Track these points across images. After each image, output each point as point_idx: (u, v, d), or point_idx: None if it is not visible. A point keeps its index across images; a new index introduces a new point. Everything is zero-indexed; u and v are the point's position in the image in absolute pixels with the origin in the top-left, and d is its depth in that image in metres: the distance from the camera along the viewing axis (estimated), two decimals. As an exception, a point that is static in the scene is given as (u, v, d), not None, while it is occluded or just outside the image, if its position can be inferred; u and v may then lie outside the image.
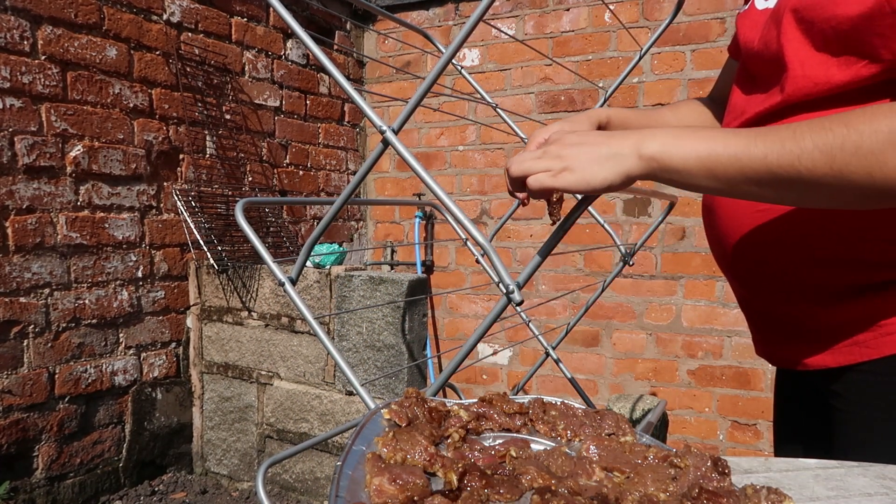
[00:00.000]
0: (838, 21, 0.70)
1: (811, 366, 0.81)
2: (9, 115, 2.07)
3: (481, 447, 0.55)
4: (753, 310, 0.91)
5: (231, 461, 2.70)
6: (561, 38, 3.16)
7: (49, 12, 2.17)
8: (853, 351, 0.76)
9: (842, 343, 0.77)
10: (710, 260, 2.89)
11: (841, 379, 0.78)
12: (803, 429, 0.91)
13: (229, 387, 2.68)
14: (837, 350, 0.78)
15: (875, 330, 0.74)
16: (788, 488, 0.53)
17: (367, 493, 0.44)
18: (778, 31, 0.77)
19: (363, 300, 2.36)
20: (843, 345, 0.77)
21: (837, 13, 0.70)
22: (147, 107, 2.51)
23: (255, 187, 3.01)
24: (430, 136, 3.50)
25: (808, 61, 0.73)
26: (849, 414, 0.78)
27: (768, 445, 2.84)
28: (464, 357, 0.69)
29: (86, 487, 2.34)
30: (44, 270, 2.19)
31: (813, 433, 0.87)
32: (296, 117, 3.25)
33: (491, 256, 0.68)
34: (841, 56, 0.71)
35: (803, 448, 0.90)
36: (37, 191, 2.16)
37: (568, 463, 0.54)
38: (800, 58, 0.74)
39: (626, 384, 3.09)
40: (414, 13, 3.48)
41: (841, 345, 0.78)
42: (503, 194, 3.34)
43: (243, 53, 2.93)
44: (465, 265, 3.44)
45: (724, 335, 2.89)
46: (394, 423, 0.55)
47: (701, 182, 0.66)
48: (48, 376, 2.21)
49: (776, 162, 0.62)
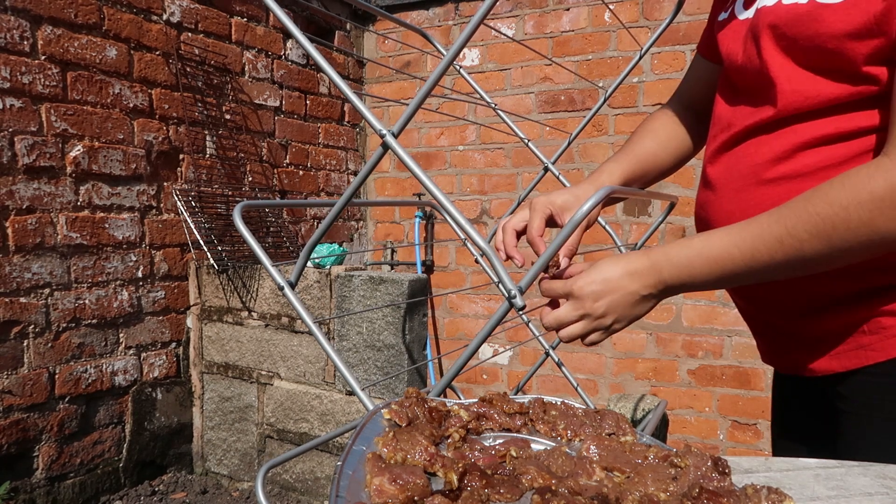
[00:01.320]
0: (822, 39, 0.70)
1: (818, 371, 0.81)
2: (9, 115, 2.07)
3: (481, 447, 0.55)
4: (757, 322, 0.91)
5: (231, 461, 2.70)
6: (561, 38, 3.16)
7: (49, 12, 2.17)
8: (859, 355, 0.76)
9: (847, 347, 0.77)
10: (710, 260, 2.89)
11: (846, 382, 0.78)
12: (807, 431, 0.91)
13: (229, 387, 2.68)
14: (843, 355, 0.78)
15: (879, 333, 0.74)
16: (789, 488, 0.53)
17: (368, 493, 0.44)
18: (757, 46, 0.78)
19: (363, 300, 2.36)
20: (849, 349, 0.77)
21: (821, 31, 0.70)
22: (147, 107, 2.51)
23: (255, 187, 3.01)
24: (430, 135, 3.50)
25: (794, 77, 0.74)
26: (854, 416, 0.78)
27: (768, 445, 2.84)
28: (466, 361, 0.69)
29: (86, 487, 2.34)
30: (44, 270, 2.19)
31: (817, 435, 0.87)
32: (296, 117, 3.25)
33: (491, 259, 0.68)
34: (826, 72, 0.72)
35: (807, 450, 0.90)
36: (37, 191, 2.16)
37: (568, 463, 0.54)
38: (786, 73, 0.75)
39: (627, 384, 3.09)
40: (414, 13, 3.48)
41: (846, 349, 0.77)
42: (503, 194, 3.34)
43: (243, 53, 2.93)
44: (465, 265, 3.44)
45: (724, 335, 2.89)
46: (394, 423, 0.55)
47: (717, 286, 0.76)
48: (48, 376, 2.21)
49: (783, 258, 0.68)
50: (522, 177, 3.29)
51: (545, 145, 3.09)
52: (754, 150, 0.79)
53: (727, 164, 0.83)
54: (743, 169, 0.81)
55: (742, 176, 0.81)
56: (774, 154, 0.77)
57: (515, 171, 3.31)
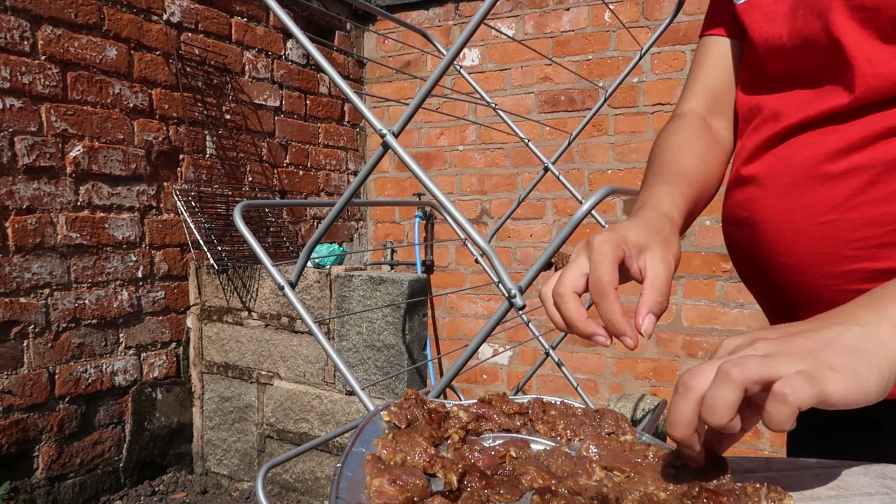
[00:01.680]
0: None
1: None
2: (9, 115, 2.07)
3: (481, 448, 0.55)
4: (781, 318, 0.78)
5: (231, 461, 2.70)
6: (561, 38, 3.16)
7: (49, 12, 2.17)
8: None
9: None
10: (710, 259, 2.89)
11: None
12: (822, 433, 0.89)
13: (229, 387, 2.68)
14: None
15: None
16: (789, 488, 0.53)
17: (368, 494, 0.44)
18: (824, 22, 0.67)
19: (363, 300, 2.36)
20: None
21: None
22: (147, 107, 2.51)
23: (255, 187, 3.01)
24: (430, 135, 3.50)
25: (876, 57, 0.63)
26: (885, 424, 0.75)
27: (768, 445, 2.85)
28: (465, 361, 0.69)
29: (86, 487, 2.34)
30: (44, 270, 2.19)
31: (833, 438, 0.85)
32: (296, 117, 3.25)
33: (491, 259, 0.68)
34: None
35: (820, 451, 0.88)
36: (37, 191, 2.16)
37: (568, 463, 0.54)
38: (865, 53, 0.64)
39: (627, 384, 3.09)
40: (414, 13, 3.48)
41: None
42: (503, 194, 3.34)
43: (243, 53, 2.93)
44: (465, 265, 3.44)
45: (724, 335, 2.89)
46: (393, 424, 0.55)
47: None
48: (48, 376, 2.21)
49: None
50: (522, 177, 3.29)
51: (545, 145, 3.09)
52: (818, 139, 0.68)
53: (778, 158, 0.72)
54: (801, 161, 0.70)
55: (800, 169, 0.70)
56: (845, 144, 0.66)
57: (515, 171, 3.31)
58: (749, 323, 2.84)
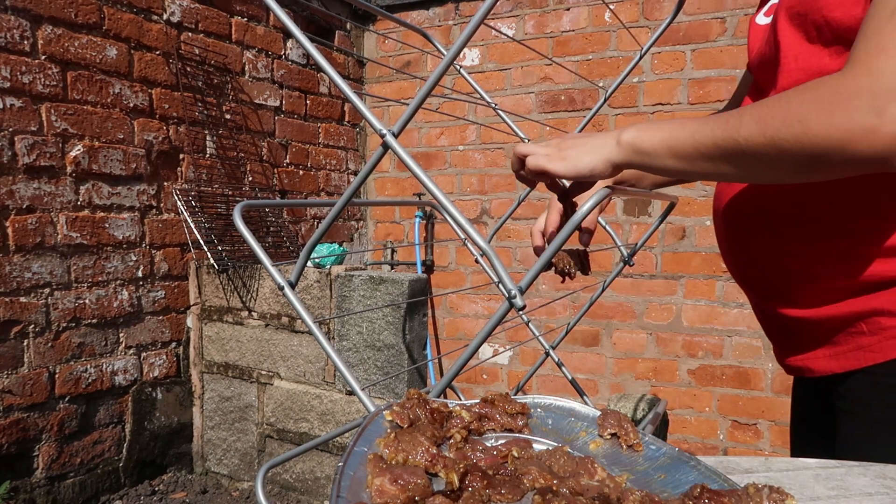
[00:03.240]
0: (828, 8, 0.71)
1: (818, 372, 0.82)
2: (9, 114, 2.07)
3: (483, 447, 0.55)
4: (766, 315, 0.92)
5: (231, 461, 2.70)
6: (561, 38, 3.16)
7: (49, 12, 2.16)
8: (857, 356, 0.77)
9: (847, 348, 0.78)
10: (710, 259, 2.89)
11: (847, 382, 0.79)
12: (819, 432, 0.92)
13: (229, 386, 2.68)
14: (843, 356, 0.79)
15: (879, 334, 0.75)
16: (789, 488, 0.53)
17: (369, 493, 0.44)
18: (774, 31, 0.79)
19: (363, 300, 2.36)
20: (848, 349, 0.78)
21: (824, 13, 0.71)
22: (147, 107, 2.51)
23: (256, 187, 3.01)
24: (430, 135, 3.50)
25: (801, 55, 0.75)
26: (851, 415, 0.79)
27: (768, 445, 2.85)
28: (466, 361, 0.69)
29: (86, 487, 2.34)
30: (44, 270, 2.19)
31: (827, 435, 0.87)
32: (296, 117, 3.25)
33: (492, 259, 0.68)
34: (832, 46, 0.72)
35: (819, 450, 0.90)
36: (37, 191, 2.16)
37: (570, 463, 0.54)
38: (794, 52, 0.76)
39: (627, 384, 3.09)
40: (414, 13, 3.48)
41: (846, 350, 0.78)
42: (503, 194, 3.34)
43: (243, 53, 2.93)
44: (465, 265, 3.44)
45: (724, 335, 2.89)
46: (396, 424, 0.55)
47: (667, 163, 0.70)
48: (48, 376, 2.21)
49: (721, 136, 0.66)
50: (522, 177, 3.29)
51: (545, 145, 3.09)
52: None
53: None
54: None
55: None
56: None
57: (515, 170, 3.30)
58: (749, 323, 2.84)
